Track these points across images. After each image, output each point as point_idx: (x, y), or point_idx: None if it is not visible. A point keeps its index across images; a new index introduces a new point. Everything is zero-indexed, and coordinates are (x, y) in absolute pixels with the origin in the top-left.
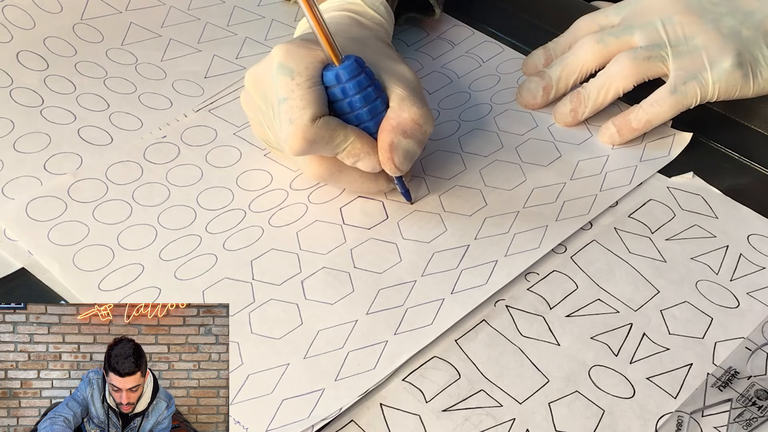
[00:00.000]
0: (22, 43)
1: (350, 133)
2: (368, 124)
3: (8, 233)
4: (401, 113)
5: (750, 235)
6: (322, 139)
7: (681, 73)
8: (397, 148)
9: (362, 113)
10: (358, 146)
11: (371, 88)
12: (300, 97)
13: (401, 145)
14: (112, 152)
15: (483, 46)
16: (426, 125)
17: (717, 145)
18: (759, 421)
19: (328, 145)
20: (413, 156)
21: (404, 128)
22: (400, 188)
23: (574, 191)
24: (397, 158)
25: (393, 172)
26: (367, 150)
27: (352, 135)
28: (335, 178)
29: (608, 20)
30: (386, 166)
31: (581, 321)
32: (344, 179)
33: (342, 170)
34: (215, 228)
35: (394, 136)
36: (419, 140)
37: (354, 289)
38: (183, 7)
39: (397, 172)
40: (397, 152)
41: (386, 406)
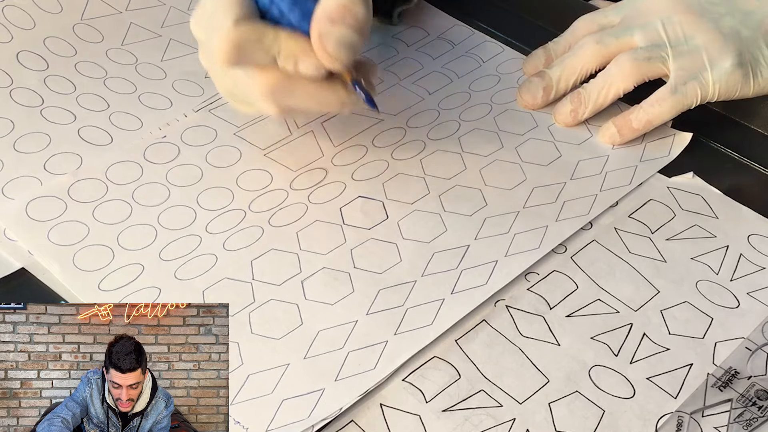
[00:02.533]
0: (22, 43)
1: (280, 32)
2: (302, 27)
3: (8, 233)
4: (326, 1)
5: (750, 235)
6: (249, 42)
7: (681, 73)
8: (327, 36)
9: (293, 17)
10: (292, 45)
11: None
12: (223, 4)
13: (332, 33)
14: (112, 152)
15: (483, 46)
16: (356, 7)
17: (717, 145)
18: (759, 421)
19: (259, 49)
20: (350, 44)
21: (330, 15)
22: (361, 94)
23: (574, 191)
24: (330, 46)
25: (331, 64)
26: (303, 49)
27: (283, 33)
28: (287, 91)
29: (608, 20)
30: (323, 59)
31: (581, 321)
32: (296, 92)
33: (290, 81)
34: (215, 228)
35: (322, 25)
36: (352, 25)
37: (354, 290)
38: (183, 7)
39: (335, 63)
40: (329, 41)
41: (386, 406)
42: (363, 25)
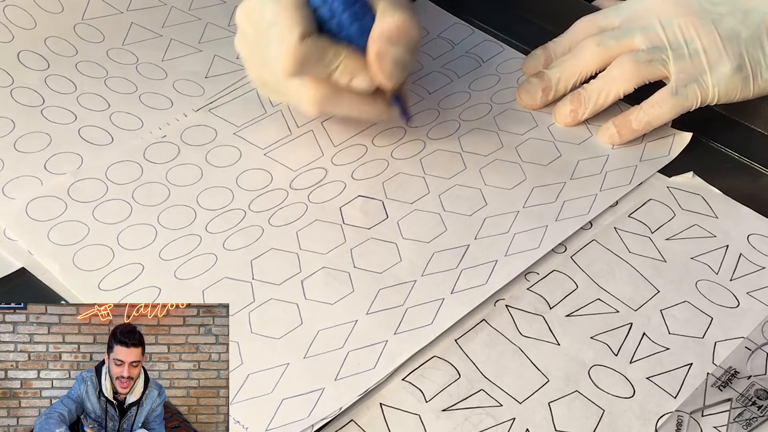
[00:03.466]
0: (23, 42)
1: (341, 50)
2: (359, 42)
3: (8, 233)
4: (384, 21)
5: (750, 235)
6: (312, 57)
7: (682, 75)
8: (384, 56)
9: (352, 32)
10: (351, 63)
11: (358, 5)
12: (288, 17)
13: (389, 52)
14: (113, 152)
15: (483, 46)
16: (411, 30)
17: (717, 145)
18: (759, 420)
19: (320, 64)
20: (403, 64)
21: (389, 35)
22: (398, 108)
23: (574, 191)
24: (387, 66)
25: (385, 82)
26: (360, 66)
27: (344, 51)
28: (333, 102)
29: (608, 22)
30: (377, 77)
31: (581, 321)
32: (342, 103)
33: (338, 93)
34: (215, 228)
35: (380, 45)
36: (406, 46)
37: (354, 289)
38: (184, 7)
39: (389, 81)
40: (385, 60)
41: (386, 405)
42: (416, 46)
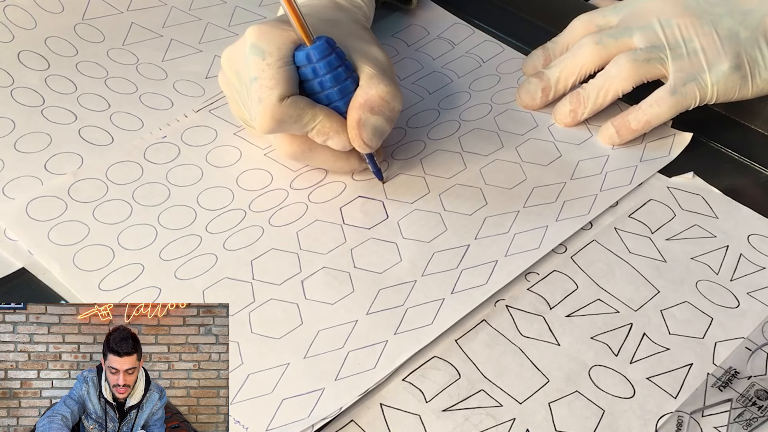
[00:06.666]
0: (24, 42)
1: (319, 112)
2: (338, 103)
3: (8, 233)
4: (369, 90)
5: (750, 235)
6: (290, 118)
7: (680, 74)
8: (365, 124)
9: (332, 93)
10: (327, 125)
11: (341, 68)
12: (269, 77)
13: (369, 121)
14: (113, 152)
15: (483, 46)
16: (393, 102)
17: (717, 145)
18: (759, 421)
19: (297, 124)
20: (382, 133)
21: (372, 105)
22: (372, 167)
23: (574, 191)
24: (366, 135)
25: (362, 148)
26: (336, 128)
27: (321, 114)
28: (306, 156)
29: (606, 20)
30: (355, 142)
31: (581, 321)
32: (316, 158)
33: (313, 149)
34: (215, 228)
35: (362, 113)
36: (387, 117)
37: (354, 289)
38: (184, 7)
39: (366, 148)
40: (366, 129)
41: (386, 405)
42: (395, 116)
